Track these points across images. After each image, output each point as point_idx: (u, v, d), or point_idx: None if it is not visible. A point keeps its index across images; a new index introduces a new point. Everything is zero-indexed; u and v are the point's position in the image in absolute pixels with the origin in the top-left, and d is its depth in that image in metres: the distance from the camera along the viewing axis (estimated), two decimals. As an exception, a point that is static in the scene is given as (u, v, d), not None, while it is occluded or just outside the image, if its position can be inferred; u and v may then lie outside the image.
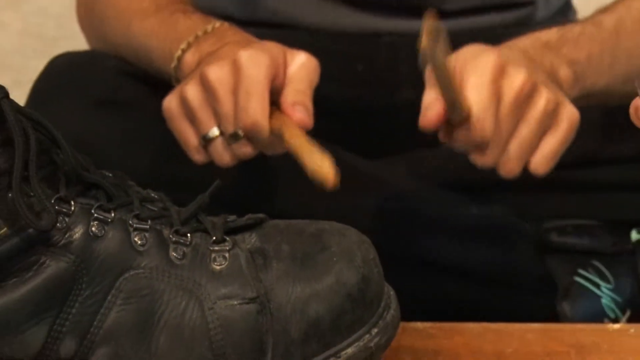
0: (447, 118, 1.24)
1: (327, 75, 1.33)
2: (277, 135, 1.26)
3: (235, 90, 1.27)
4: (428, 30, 1.14)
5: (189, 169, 1.32)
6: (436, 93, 1.23)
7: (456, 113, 1.23)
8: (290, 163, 1.35)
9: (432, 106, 1.24)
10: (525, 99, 1.26)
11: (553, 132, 1.28)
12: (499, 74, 1.26)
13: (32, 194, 1.05)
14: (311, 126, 1.26)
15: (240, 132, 1.28)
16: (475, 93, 1.24)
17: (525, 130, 1.27)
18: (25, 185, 1.05)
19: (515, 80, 1.26)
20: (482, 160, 1.27)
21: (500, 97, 1.25)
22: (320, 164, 1.19)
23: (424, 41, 1.14)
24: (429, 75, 1.26)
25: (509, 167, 1.28)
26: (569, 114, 1.28)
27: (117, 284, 1.08)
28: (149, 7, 1.47)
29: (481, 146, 1.26)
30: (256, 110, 1.25)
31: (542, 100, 1.27)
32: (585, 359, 1.20)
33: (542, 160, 1.28)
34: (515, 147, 1.27)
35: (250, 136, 1.27)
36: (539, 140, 1.28)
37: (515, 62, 1.28)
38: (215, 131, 1.30)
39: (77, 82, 1.50)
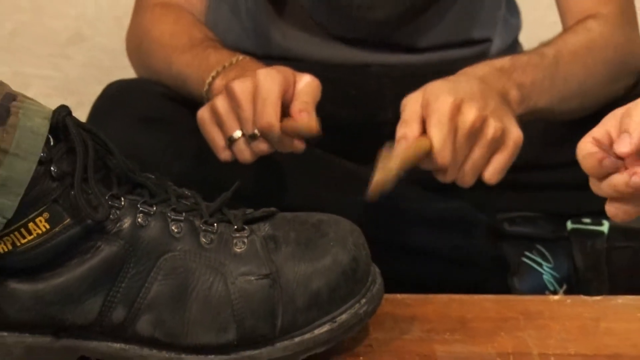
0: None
1: (327, 98, 1.34)
2: (287, 133, 1.28)
3: (254, 100, 1.29)
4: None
5: (215, 172, 1.34)
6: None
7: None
8: (297, 168, 1.37)
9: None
10: (476, 130, 1.27)
11: (501, 152, 1.29)
12: (455, 112, 1.26)
13: (90, 192, 1.06)
14: (316, 129, 1.28)
15: (257, 133, 1.30)
16: (436, 130, 1.25)
17: (477, 154, 1.28)
18: (85, 185, 1.06)
19: (469, 116, 1.26)
20: (443, 178, 1.29)
21: (456, 131, 1.26)
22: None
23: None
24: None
25: (465, 181, 1.29)
26: (514, 137, 1.29)
27: (158, 263, 1.08)
28: (185, 43, 1.47)
29: (441, 170, 1.27)
30: (270, 115, 1.27)
31: (490, 130, 1.27)
32: (531, 323, 1.19)
33: (493, 173, 1.30)
34: (469, 167, 1.28)
35: (265, 135, 1.29)
36: (490, 158, 1.29)
37: (470, 97, 1.28)
38: (238, 133, 1.31)
39: (126, 103, 1.51)
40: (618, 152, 0.99)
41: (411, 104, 1.28)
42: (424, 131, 1.26)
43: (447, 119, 1.25)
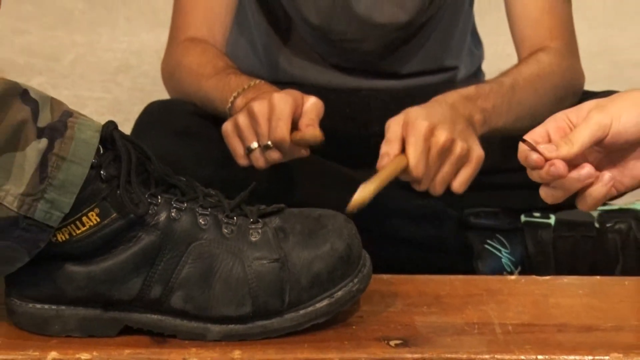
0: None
1: (326, 115, 1.34)
2: (296, 144, 1.30)
3: (270, 118, 1.29)
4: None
5: (235, 175, 1.33)
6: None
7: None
8: (302, 172, 1.36)
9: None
10: (446, 150, 1.29)
11: (466, 167, 1.31)
12: (429, 134, 1.28)
13: (132, 191, 1.05)
14: (320, 137, 1.30)
15: (271, 144, 1.30)
16: (412, 149, 1.27)
17: (446, 169, 1.30)
18: (128, 186, 1.06)
19: (440, 138, 1.29)
20: (418, 187, 1.31)
21: (429, 149, 1.28)
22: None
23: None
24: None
25: (436, 191, 1.31)
26: (477, 155, 1.32)
27: (188, 250, 1.08)
28: (210, 71, 1.47)
29: (416, 181, 1.29)
30: (282, 129, 1.28)
31: (457, 149, 1.30)
32: (493, 299, 1.18)
33: (459, 185, 1.32)
34: (439, 179, 1.30)
35: (277, 146, 1.30)
36: (457, 172, 1.31)
37: (441, 122, 1.30)
38: (255, 144, 1.32)
39: (163, 119, 1.50)
40: (544, 155, 1.03)
41: (393, 125, 1.30)
42: (404, 149, 1.29)
43: (422, 140, 1.28)
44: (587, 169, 1.06)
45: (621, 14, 2.92)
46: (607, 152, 1.08)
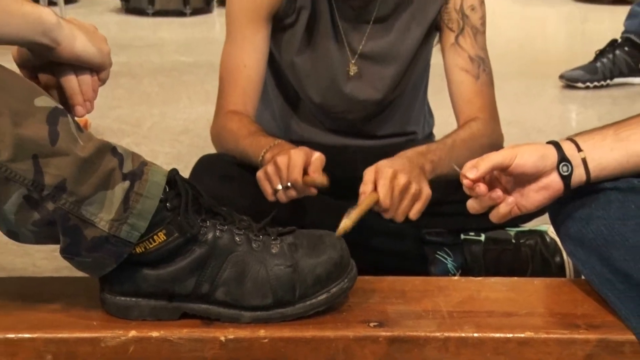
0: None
1: (326, 165, 1.32)
2: (306, 185, 1.29)
3: (288, 167, 1.29)
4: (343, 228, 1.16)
5: (264, 207, 1.30)
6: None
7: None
8: (309, 204, 1.35)
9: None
10: (405, 189, 1.29)
11: (418, 202, 1.31)
12: (393, 178, 1.28)
13: (189, 218, 1.04)
14: (326, 182, 1.30)
15: (289, 185, 1.29)
16: (382, 188, 1.27)
17: (405, 203, 1.29)
18: (186, 214, 1.05)
19: (401, 181, 1.29)
20: (386, 216, 1.30)
21: (393, 189, 1.28)
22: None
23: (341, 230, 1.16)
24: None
25: (398, 219, 1.30)
26: (426, 193, 1.31)
27: (227, 259, 1.07)
28: (246, 133, 1.45)
29: (384, 211, 1.29)
30: (297, 175, 1.28)
31: (412, 189, 1.30)
32: (442, 293, 1.17)
33: (414, 214, 1.31)
34: (400, 211, 1.30)
35: (294, 186, 1.29)
36: (413, 205, 1.30)
37: (402, 170, 1.30)
38: (279, 186, 1.30)
39: (212, 167, 1.48)
40: (463, 174, 1.10)
41: (368, 172, 1.30)
42: (375, 189, 1.28)
43: (388, 182, 1.28)
44: (498, 192, 1.11)
45: (528, 95, 2.93)
46: (514, 180, 1.12)
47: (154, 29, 3.86)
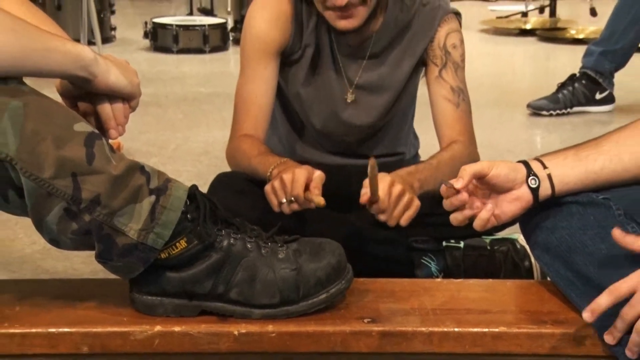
0: (370, 200, 1.25)
1: (326, 181, 1.30)
2: (307, 201, 1.27)
3: (292, 183, 1.26)
4: (371, 165, 1.20)
5: (271, 218, 1.28)
6: (366, 190, 1.25)
7: (374, 198, 1.24)
8: (310, 215, 1.33)
9: (364, 194, 1.25)
10: (400, 196, 1.27)
11: (409, 210, 1.28)
12: (392, 185, 1.27)
13: (207, 228, 1.04)
14: (323, 203, 1.26)
15: (293, 199, 1.27)
16: (382, 192, 1.25)
17: (398, 208, 1.27)
18: (204, 224, 1.04)
19: (397, 188, 1.27)
20: (381, 218, 1.28)
21: (390, 194, 1.26)
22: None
23: (370, 168, 1.20)
24: (365, 183, 1.26)
25: (391, 223, 1.28)
26: (416, 203, 1.29)
27: (240, 263, 1.06)
28: (256, 153, 1.44)
29: (381, 213, 1.27)
30: (299, 190, 1.26)
31: (405, 198, 1.27)
32: (427, 293, 1.16)
33: (405, 220, 1.28)
34: (394, 215, 1.27)
35: (296, 200, 1.27)
36: (404, 212, 1.28)
37: (398, 180, 1.29)
38: (284, 199, 1.28)
39: (227, 183, 1.47)
40: (450, 184, 1.10)
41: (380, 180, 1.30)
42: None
43: (387, 187, 1.26)
44: (477, 202, 1.12)
45: (500, 121, 2.92)
46: (490, 192, 1.12)
47: (177, 65, 3.87)
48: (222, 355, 1.05)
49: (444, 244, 1.49)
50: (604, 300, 0.96)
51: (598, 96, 2.97)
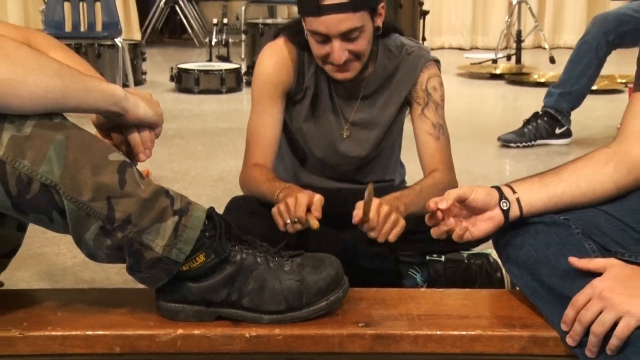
0: (362, 220, 1.25)
1: (325, 204, 1.30)
2: (307, 221, 1.25)
3: (295, 206, 1.26)
4: (369, 190, 1.21)
5: (278, 235, 1.27)
6: (358, 212, 1.25)
7: (365, 218, 1.24)
8: (312, 234, 1.32)
9: (355, 215, 1.26)
10: (387, 215, 1.27)
11: (396, 228, 1.28)
12: (380, 207, 1.26)
13: (222, 244, 1.03)
14: (317, 227, 1.26)
15: (296, 220, 1.26)
16: (372, 213, 1.25)
17: (387, 226, 1.27)
18: (220, 241, 1.03)
19: (385, 209, 1.27)
20: (371, 235, 1.27)
21: (379, 214, 1.26)
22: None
23: (367, 192, 1.21)
24: (358, 205, 1.26)
25: (380, 239, 1.27)
26: (401, 222, 1.29)
27: (251, 275, 1.05)
28: (265, 180, 1.43)
29: (371, 230, 1.26)
30: (301, 212, 1.25)
31: (392, 217, 1.27)
32: (413, 301, 1.15)
33: (392, 237, 1.28)
34: (382, 232, 1.27)
35: (299, 221, 1.26)
36: (392, 229, 1.27)
37: (388, 203, 1.29)
38: (288, 220, 1.27)
39: (240, 205, 1.46)
40: (439, 207, 1.09)
41: (360, 202, 1.28)
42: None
43: (376, 208, 1.26)
44: (451, 220, 1.11)
45: (474, 152, 2.92)
46: (468, 212, 1.12)
47: (198, 103, 3.88)
48: (235, 355, 1.04)
49: (428, 258, 1.48)
50: (570, 312, 0.99)
51: (558, 131, 2.99)
